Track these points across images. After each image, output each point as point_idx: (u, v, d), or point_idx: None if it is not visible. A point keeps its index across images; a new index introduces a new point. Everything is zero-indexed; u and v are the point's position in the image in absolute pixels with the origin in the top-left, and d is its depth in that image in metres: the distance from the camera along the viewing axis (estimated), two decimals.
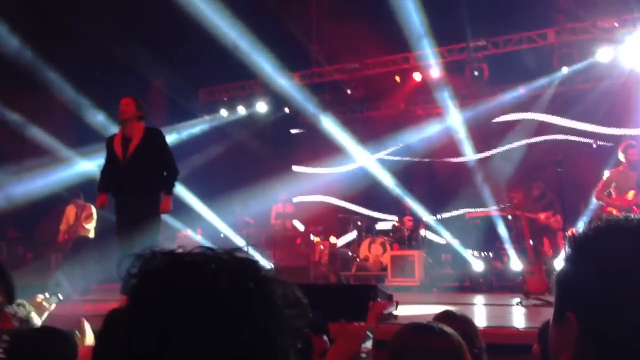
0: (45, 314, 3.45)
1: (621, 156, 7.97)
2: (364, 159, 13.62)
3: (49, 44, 11.78)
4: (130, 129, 6.17)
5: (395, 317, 5.66)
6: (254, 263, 0.98)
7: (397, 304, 3.61)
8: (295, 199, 13.12)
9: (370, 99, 14.24)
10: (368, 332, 2.98)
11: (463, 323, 2.90)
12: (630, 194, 7.77)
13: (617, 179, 7.93)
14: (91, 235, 10.36)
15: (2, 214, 11.94)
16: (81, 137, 13.24)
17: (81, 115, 12.74)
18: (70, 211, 10.45)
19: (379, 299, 3.67)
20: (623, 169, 7.94)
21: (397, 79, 13.45)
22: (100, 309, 6.95)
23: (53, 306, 3.47)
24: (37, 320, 3.75)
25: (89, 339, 3.54)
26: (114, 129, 12.78)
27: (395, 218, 12.28)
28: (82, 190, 12.49)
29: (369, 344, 2.61)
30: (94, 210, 10.39)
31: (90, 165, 12.70)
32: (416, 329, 1.93)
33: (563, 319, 0.99)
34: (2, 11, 11.10)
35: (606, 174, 8.12)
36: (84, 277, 9.91)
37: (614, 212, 7.70)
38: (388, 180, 12.67)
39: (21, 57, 11.47)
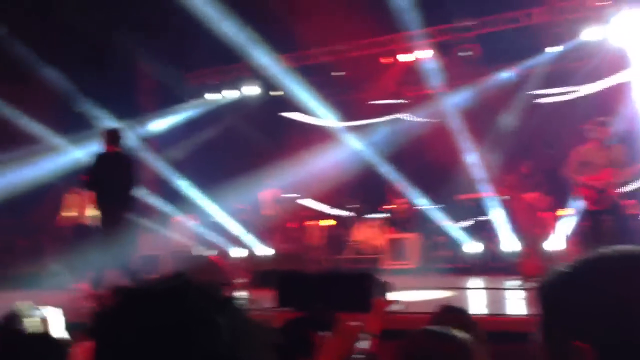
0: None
1: (590, 133, 7.68)
2: (354, 143, 13.62)
3: (35, 32, 11.59)
4: None
5: (397, 302, 5.74)
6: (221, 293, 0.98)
7: (400, 303, 3.68)
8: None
9: (357, 81, 14.20)
10: (366, 333, 2.99)
11: (461, 316, 3.02)
12: (609, 173, 7.51)
13: (588, 156, 7.65)
14: (93, 222, 10.30)
15: None
16: (70, 125, 13.15)
17: (70, 103, 12.63)
18: (70, 199, 10.38)
19: (381, 297, 3.72)
20: (593, 147, 7.66)
21: (385, 60, 13.40)
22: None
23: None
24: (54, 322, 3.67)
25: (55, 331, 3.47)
26: (101, 116, 12.80)
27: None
28: (76, 177, 12.44)
29: (365, 344, 2.62)
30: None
31: (80, 153, 12.63)
32: (429, 335, 2.04)
33: (567, 346, 1.03)
34: None
35: (574, 152, 7.82)
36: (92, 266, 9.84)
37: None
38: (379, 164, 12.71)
39: (9, 46, 11.29)
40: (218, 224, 12.15)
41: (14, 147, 12.52)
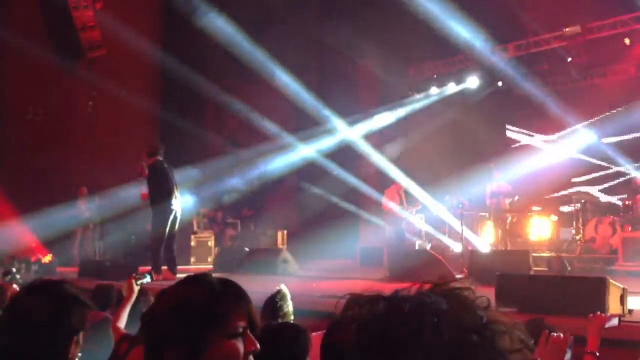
0: (134, 294, 3.60)
1: None
2: (586, 135, 12.52)
3: (264, 35, 12.54)
4: None
5: (630, 311, 5.18)
6: (476, 308, 0.95)
7: (620, 318, 3.29)
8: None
9: (594, 65, 13.08)
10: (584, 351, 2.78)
11: None
12: None
13: None
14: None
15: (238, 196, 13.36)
16: (299, 123, 14.08)
17: (298, 102, 13.45)
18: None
19: (604, 313, 3.38)
20: None
21: (627, 41, 12.15)
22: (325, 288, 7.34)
23: (136, 288, 3.62)
24: None
25: None
26: (326, 114, 13.43)
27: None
28: (304, 172, 13.38)
29: (567, 357, 2.43)
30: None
31: (309, 149, 13.47)
32: None
33: None
34: (225, 7, 12.13)
35: None
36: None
37: None
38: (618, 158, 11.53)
39: (244, 51, 12.35)
40: (437, 218, 12.07)
41: (253, 145, 13.82)
